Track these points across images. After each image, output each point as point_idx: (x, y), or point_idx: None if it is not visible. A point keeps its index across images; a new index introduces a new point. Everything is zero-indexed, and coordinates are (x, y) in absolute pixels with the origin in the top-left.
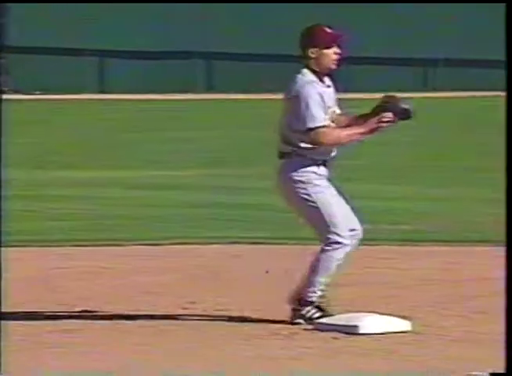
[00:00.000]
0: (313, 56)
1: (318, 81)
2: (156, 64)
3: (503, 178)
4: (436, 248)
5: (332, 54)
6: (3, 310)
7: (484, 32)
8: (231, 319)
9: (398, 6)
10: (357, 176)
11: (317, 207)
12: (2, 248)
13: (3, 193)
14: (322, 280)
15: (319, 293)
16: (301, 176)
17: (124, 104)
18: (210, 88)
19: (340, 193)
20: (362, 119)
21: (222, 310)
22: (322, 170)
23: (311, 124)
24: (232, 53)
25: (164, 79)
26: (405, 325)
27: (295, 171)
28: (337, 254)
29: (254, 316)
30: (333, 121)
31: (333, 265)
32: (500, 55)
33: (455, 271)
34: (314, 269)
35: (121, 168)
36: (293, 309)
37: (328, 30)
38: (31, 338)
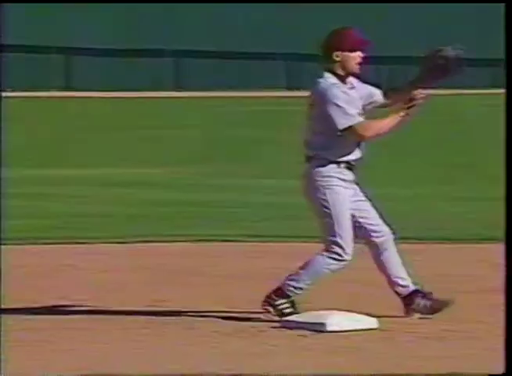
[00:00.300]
0: (338, 59)
1: (341, 83)
2: (125, 62)
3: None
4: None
5: (356, 57)
6: None
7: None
8: (198, 316)
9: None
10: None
11: (330, 215)
12: None
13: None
14: (308, 281)
15: (299, 292)
16: (323, 181)
17: (92, 102)
18: (178, 86)
19: (367, 197)
20: (408, 89)
21: (189, 308)
22: (346, 174)
23: (347, 123)
24: (200, 51)
25: (132, 77)
26: (372, 322)
27: (318, 175)
28: (333, 265)
29: (221, 313)
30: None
31: (325, 273)
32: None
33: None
34: (306, 268)
35: (90, 166)
36: (268, 296)
37: (354, 35)
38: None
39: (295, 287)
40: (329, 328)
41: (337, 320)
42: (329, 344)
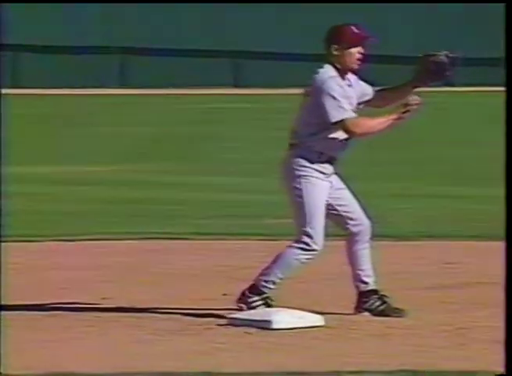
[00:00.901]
0: (336, 53)
1: (339, 77)
2: (71, 59)
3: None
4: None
5: (355, 54)
6: None
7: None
8: (144, 314)
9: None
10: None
11: (303, 205)
12: None
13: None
14: (279, 274)
15: (272, 286)
16: (301, 171)
17: (38, 99)
18: (124, 84)
19: (347, 188)
20: (403, 89)
21: (135, 305)
22: (326, 168)
23: (339, 117)
24: (146, 48)
25: (78, 74)
26: (318, 320)
27: (297, 164)
28: (303, 256)
29: (167, 311)
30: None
31: (295, 265)
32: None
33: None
34: (276, 261)
35: (35, 163)
36: (243, 293)
37: (355, 30)
38: None
39: (267, 281)
40: (275, 326)
41: (283, 318)
42: (275, 341)
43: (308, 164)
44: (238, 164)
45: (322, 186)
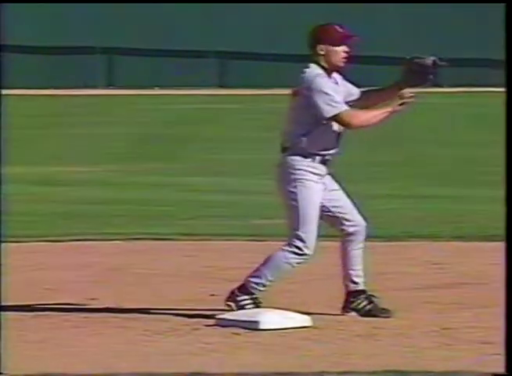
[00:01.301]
0: (322, 52)
1: (326, 75)
2: (57, 59)
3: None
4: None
5: (341, 52)
6: None
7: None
8: (132, 315)
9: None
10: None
11: (297, 209)
12: None
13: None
14: (269, 276)
15: (262, 288)
16: (295, 174)
17: (24, 100)
18: (110, 84)
19: (341, 189)
20: (388, 90)
21: (123, 306)
22: (320, 168)
23: (334, 111)
24: (132, 49)
25: (64, 74)
26: (305, 320)
27: (291, 167)
28: (294, 260)
29: (155, 311)
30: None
31: (286, 268)
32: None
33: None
34: (266, 263)
35: (22, 164)
36: (232, 292)
37: (339, 29)
38: None
39: (257, 284)
40: (262, 326)
41: (271, 318)
42: (262, 342)
43: (301, 166)
44: (224, 164)
45: (317, 189)
